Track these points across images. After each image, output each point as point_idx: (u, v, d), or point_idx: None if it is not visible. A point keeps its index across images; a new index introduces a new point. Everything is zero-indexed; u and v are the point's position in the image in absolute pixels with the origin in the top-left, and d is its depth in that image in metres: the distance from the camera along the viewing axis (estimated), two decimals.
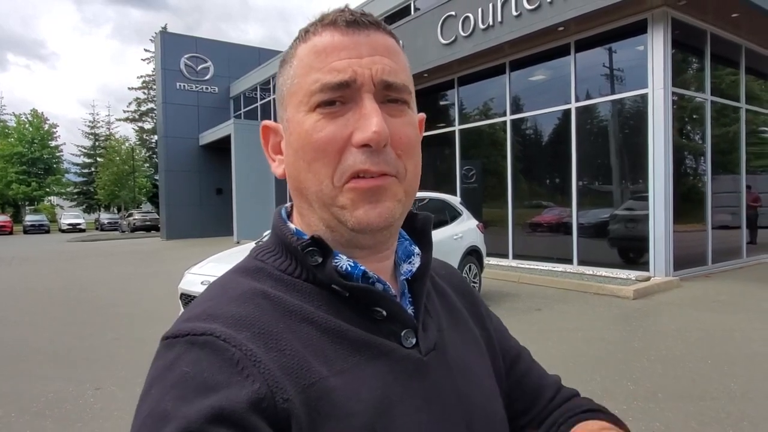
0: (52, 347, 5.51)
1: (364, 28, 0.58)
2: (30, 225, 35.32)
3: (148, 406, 0.46)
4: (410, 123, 0.59)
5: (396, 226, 0.61)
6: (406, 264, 0.66)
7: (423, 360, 0.59)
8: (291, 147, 0.59)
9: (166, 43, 23.45)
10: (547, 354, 4.83)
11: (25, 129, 45.85)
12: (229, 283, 0.58)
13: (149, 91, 47.03)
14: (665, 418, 3.38)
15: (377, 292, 0.58)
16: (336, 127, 0.55)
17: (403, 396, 0.55)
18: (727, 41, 9.28)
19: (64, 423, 3.59)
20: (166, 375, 0.47)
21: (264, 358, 0.49)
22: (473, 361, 0.68)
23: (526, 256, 10.11)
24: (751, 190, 10.29)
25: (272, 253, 0.61)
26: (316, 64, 0.56)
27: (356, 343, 0.55)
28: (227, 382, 0.46)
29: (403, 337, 0.59)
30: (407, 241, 0.68)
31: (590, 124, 9.31)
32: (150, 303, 7.78)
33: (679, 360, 4.51)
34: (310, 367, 0.51)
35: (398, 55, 0.60)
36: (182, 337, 0.50)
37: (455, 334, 0.68)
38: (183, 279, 5.01)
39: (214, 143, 22.52)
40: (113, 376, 4.51)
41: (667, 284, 7.63)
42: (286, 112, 0.60)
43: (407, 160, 0.58)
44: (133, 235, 29.49)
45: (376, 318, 0.58)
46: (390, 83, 0.56)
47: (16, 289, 9.59)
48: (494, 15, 9.49)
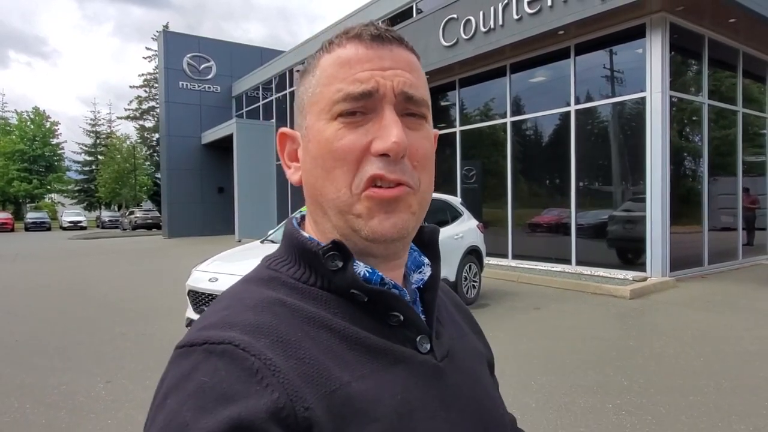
0: (62, 342, 5.64)
1: (388, 43, 0.59)
2: (31, 222, 35.35)
3: (165, 417, 0.46)
4: (427, 137, 0.61)
5: (409, 238, 0.62)
6: (417, 274, 0.67)
7: (440, 366, 0.60)
8: (309, 154, 0.60)
9: (169, 42, 23.57)
10: (544, 351, 4.97)
11: (26, 126, 45.91)
12: (244, 293, 0.58)
13: (150, 89, 47.16)
14: (657, 412, 3.51)
15: (396, 296, 0.58)
16: (356, 136, 0.56)
17: (423, 401, 0.56)
18: (724, 46, 9.42)
19: (78, 414, 3.72)
20: (184, 385, 0.47)
21: (283, 367, 0.48)
22: (480, 371, 0.71)
23: (526, 256, 10.25)
24: (749, 192, 10.43)
25: (285, 262, 0.61)
26: (340, 75, 0.57)
27: (375, 349, 0.56)
28: (246, 392, 0.46)
29: (418, 343, 0.60)
30: (416, 251, 0.69)
31: (589, 127, 9.45)
32: (155, 299, 7.92)
33: (672, 357, 4.65)
34: (330, 374, 0.51)
35: (419, 71, 0.61)
36: (199, 346, 0.49)
37: (462, 344, 0.70)
38: (191, 276, 5.14)
39: (216, 142, 22.65)
40: (123, 369, 4.63)
41: (663, 284, 7.77)
42: (305, 120, 0.61)
43: (422, 173, 0.59)
44: (134, 233, 29.57)
45: (391, 324, 0.58)
46: (410, 96, 0.58)
47: (22, 286, 9.73)
48: (495, 18, 9.62)
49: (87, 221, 38.20)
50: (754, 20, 8.44)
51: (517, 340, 5.32)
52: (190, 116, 23.44)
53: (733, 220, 10.04)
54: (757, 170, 10.89)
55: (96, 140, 52.74)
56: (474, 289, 7.33)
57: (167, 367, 0.51)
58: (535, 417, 3.50)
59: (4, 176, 43.20)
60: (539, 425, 3.38)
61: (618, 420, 3.41)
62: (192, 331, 0.53)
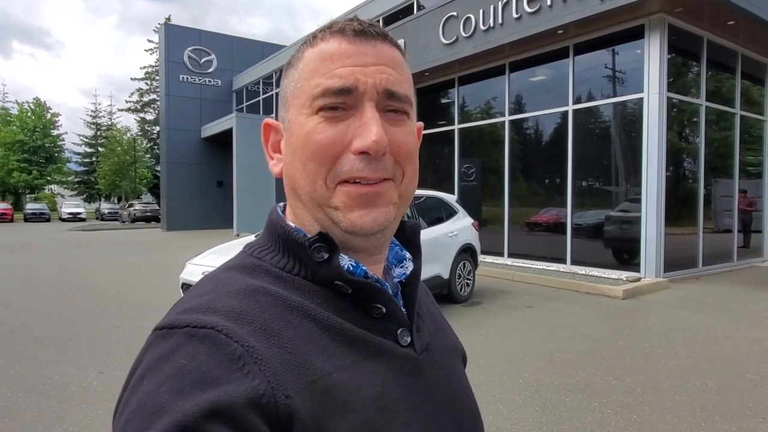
0: (56, 333, 5.67)
1: (372, 38, 0.59)
2: (31, 213, 35.36)
3: (139, 397, 0.45)
4: (410, 132, 0.61)
5: (391, 230, 0.62)
6: (399, 268, 0.68)
7: (419, 359, 0.61)
8: (290, 147, 0.60)
9: (170, 35, 23.55)
10: (535, 349, 5.01)
11: (27, 117, 45.87)
12: (227, 279, 0.57)
13: (152, 82, 47.10)
14: (642, 411, 3.55)
15: (379, 288, 0.59)
16: (336, 131, 0.56)
17: (402, 393, 0.56)
18: (723, 48, 9.42)
19: (70, 404, 3.75)
20: (162, 366, 0.46)
21: (265, 355, 0.48)
22: (457, 365, 0.72)
23: (521, 255, 10.28)
24: (747, 194, 10.45)
25: (269, 251, 0.61)
26: (321, 69, 0.57)
27: (356, 341, 0.56)
28: (226, 378, 0.45)
29: (399, 335, 0.60)
30: (398, 246, 0.70)
31: (587, 126, 9.46)
32: (151, 292, 7.95)
33: (661, 358, 4.69)
34: (312, 364, 0.51)
35: (402, 67, 0.61)
36: (180, 329, 0.49)
37: (440, 338, 0.71)
38: (184, 269, 5.17)
39: (216, 136, 22.63)
40: (115, 361, 4.67)
41: (657, 285, 7.80)
42: (288, 113, 0.61)
43: (405, 166, 0.60)
44: (133, 225, 29.59)
45: (374, 316, 0.59)
46: (393, 92, 0.58)
47: (19, 276, 9.76)
48: (495, 17, 9.62)
49: (86, 213, 38.20)
50: (753, 23, 8.45)
51: (508, 338, 5.35)
52: (190, 109, 23.45)
53: (730, 222, 10.07)
54: (754, 173, 10.91)
55: (96, 132, 52.73)
56: (468, 287, 7.36)
57: (144, 348, 0.50)
58: (520, 414, 3.53)
59: (4, 167, 43.18)
60: (524, 422, 3.41)
61: (602, 418, 3.44)
62: (172, 313, 0.53)
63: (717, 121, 9.73)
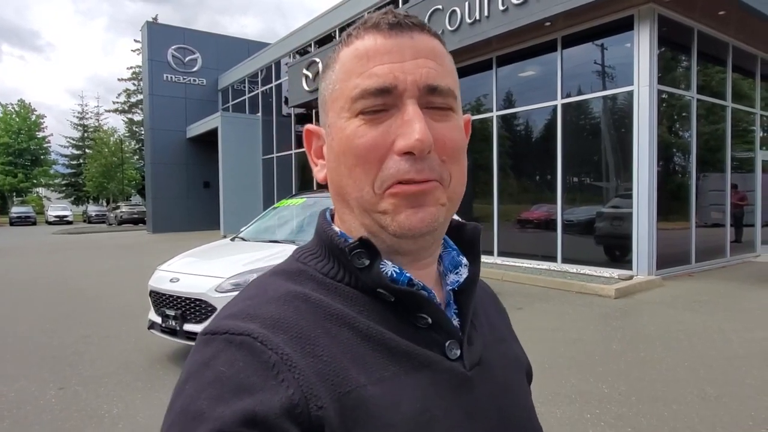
0: (20, 345, 5.38)
1: (408, 30, 0.56)
2: (16, 217, 34.89)
3: (182, 402, 0.46)
4: (456, 127, 0.57)
5: (440, 232, 0.60)
6: (453, 274, 0.63)
7: (467, 374, 0.57)
8: (333, 152, 0.58)
9: (153, 33, 23.12)
10: None
11: (11, 119, 45.15)
12: (270, 285, 0.57)
13: (139, 83, 46.48)
14: (637, 423, 3.31)
15: (424, 297, 0.56)
16: (378, 133, 0.54)
17: (446, 410, 0.53)
18: (714, 39, 9.23)
19: (22, 425, 3.48)
20: (203, 372, 0.47)
21: (300, 363, 0.48)
22: (515, 379, 0.67)
23: (511, 254, 10.05)
24: (738, 189, 10.28)
25: (315, 256, 0.60)
26: (357, 69, 0.55)
27: (398, 352, 0.54)
28: (262, 386, 0.45)
29: (447, 347, 0.57)
30: (454, 251, 0.66)
31: (576, 121, 9.24)
32: (128, 297, 7.64)
33: (657, 362, 4.46)
34: (347, 374, 0.49)
35: (443, 57, 0.58)
36: (221, 335, 0.49)
37: (499, 351, 0.66)
38: (153, 276, 4.88)
39: (202, 136, 22.29)
40: (78, 375, 4.39)
41: (649, 283, 7.59)
42: (328, 117, 0.59)
43: (452, 166, 0.56)
44: (120, 227, 29.19)
45: (419, 326, 0.56)
46: (434, 87, 0.55)
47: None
48: (481, 9, 9.37)
49: (73, 216, 37.79)
50: (744, 13, 8.26)
51: None
52: (174, 109, 23.05)
53: (722, 217, 9.89)
54: (745, 166, 10.74)
55: (84, 134, 52.05)
56: None
57: (192, 351, 0.51)
58: None
59: None
60: None
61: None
62: (217, 318, 0.53)
63: (707, 115, 9.54)
